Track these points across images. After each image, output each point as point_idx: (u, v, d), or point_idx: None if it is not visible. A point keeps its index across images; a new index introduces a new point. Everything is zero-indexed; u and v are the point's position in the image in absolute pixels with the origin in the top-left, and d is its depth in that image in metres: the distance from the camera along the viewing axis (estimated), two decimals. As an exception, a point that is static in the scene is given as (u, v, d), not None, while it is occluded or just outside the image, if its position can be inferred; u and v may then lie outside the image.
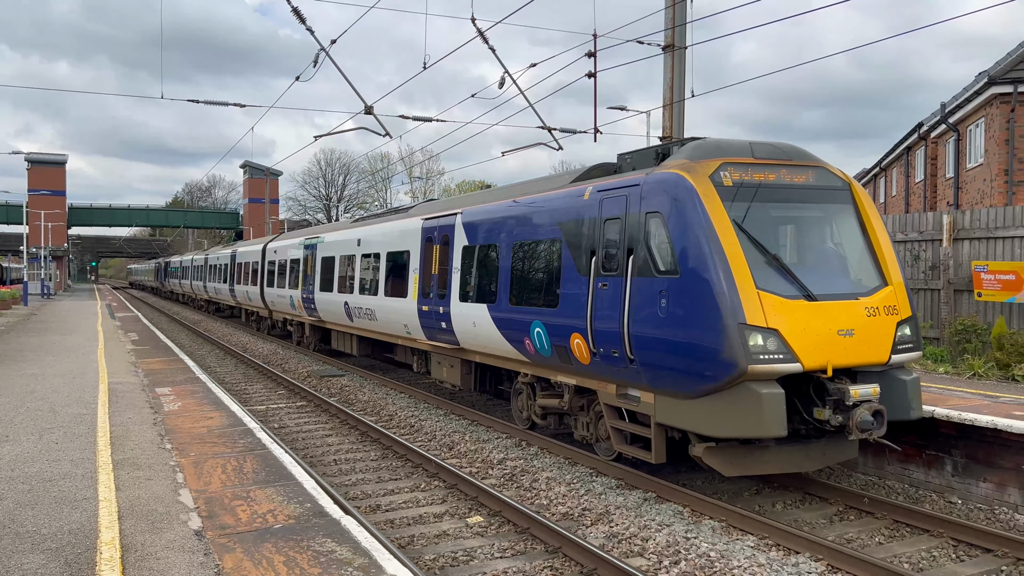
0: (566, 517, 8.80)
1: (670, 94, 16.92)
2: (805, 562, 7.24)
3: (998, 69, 19.28)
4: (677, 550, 7.58)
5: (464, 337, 13.33)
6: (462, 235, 13.57)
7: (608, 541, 7.95)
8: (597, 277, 9.67)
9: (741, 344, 7.81)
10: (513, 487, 10.02)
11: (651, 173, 9.18)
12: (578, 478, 10.18)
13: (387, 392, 17.39)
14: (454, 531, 8.35)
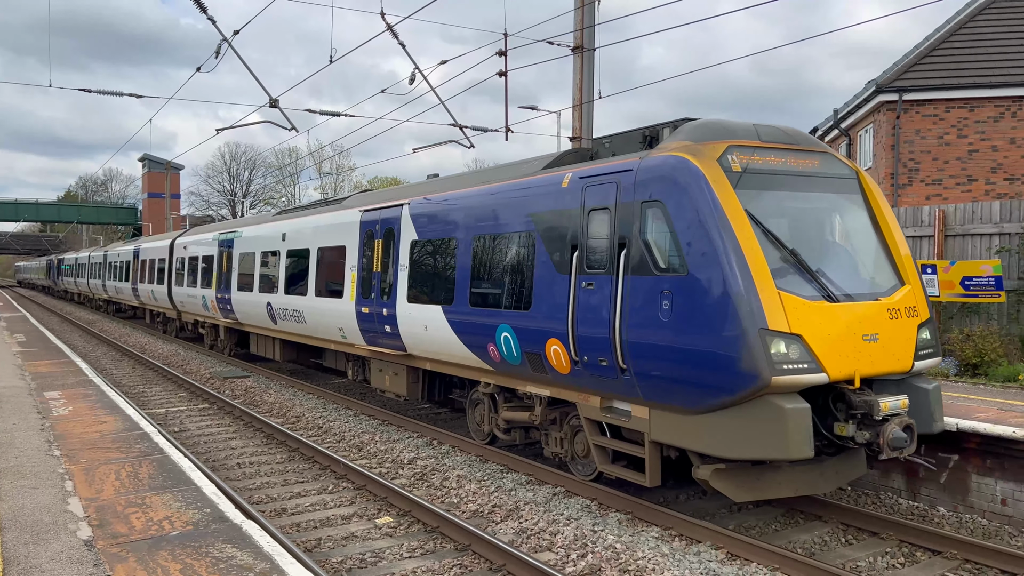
0: (476, 514, 8.80)
1: (579, 95, 17.16)
2: (706, 551, 7.47)
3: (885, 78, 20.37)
4: (584, 543, 7.69)
5: (412, 342, 12.05)
6: (410, 228, 12.18)
7: (517, 537, 8.00)
8: (580, 275, 8.58)
9: (763, 352, 6.83)
10: (424, 486, 9.96)
11: (646, 157, 8.09)
12: (489, 475, 10.19)
13: (294, 393, 16.99)
14: (362, 532, 8.23)
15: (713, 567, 7.05)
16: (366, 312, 13.16)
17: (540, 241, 9.26)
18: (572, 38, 16.94)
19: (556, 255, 8.98)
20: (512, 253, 9.81)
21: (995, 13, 22.05)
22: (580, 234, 8.67)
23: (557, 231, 9.02)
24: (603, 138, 9.64)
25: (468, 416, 11.82)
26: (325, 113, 18.64)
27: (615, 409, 8.67)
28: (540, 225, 9.31)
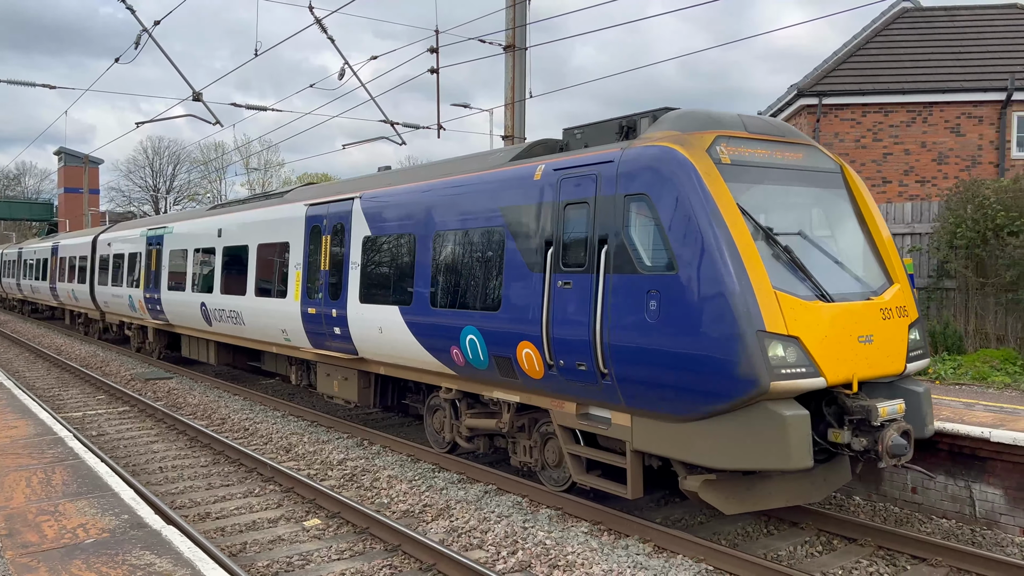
0: (407, 514, 8.74)
1: (511, 93, 17.21)
2: (634, 544, 7.59)
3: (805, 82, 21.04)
4: (515, 540, 7.72)
5: (365, 345, 11.35)
6: (362, 223, 11.43)
7: (448, 536, 7.98)
8: (556, 274, 8.05)
9: (761, 356, 6.45)
10: (354, 487, 9.84)
11: (628, 148, 7.63)
12: (420, 475, 10.14)
13: (220, 395, 16.56)
14: (290, 535, 8.08)
15: (641, 560, 7.16)
16: (313, 313, 12.47)
17: (510, 237, 8.71)
18: (504, 37, 17.00)
19: (528, 252, 8.45)
20: (478, 250, 9.22)
21: (907, 23, 23.03)
22: (555, 230, 8.14)
23: (529, 227, 8.49)
24: (574, 129, 9.10)
25: (426, 423, 11.15)
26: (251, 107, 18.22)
27: (592, 416, 8.20)
28: (510, 220, 8.75)
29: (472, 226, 9.35)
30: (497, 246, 8.91)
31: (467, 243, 9.41)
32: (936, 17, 23.19)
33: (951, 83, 20.14)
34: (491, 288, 8.94)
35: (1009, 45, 21.32)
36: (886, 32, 22.62)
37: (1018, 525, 8.07)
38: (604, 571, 6.91)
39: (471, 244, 9.34)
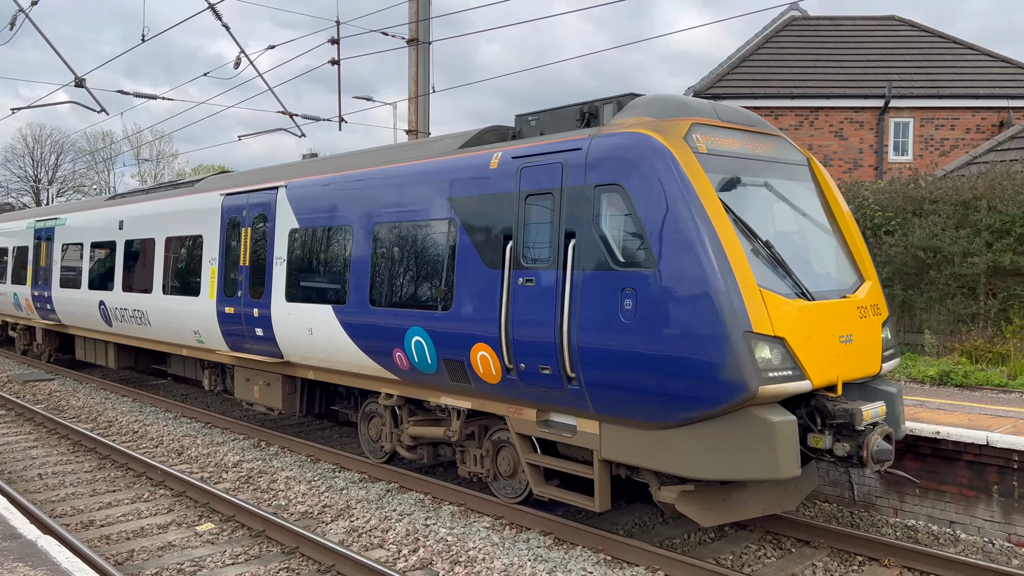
0: (305, 516, 8.56)
1: (415, 87, 17.08)
2: (535, 537, 7.67)
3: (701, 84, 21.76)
4: (416, 538, 7.68)
5: (292, 348, 10.45)
6: (288, 214, 10.52)
7: (348, 536, 7.86)
8: (517, 271, 7.46)
9: (749, 358, 6.05)
10: (250, 490, 9.56)
11: (598, 135, 7.11)
12: (319, 475, 9.94)
13: (107, 396, 15.78)
14: (181, 541, 7.77)
15: (541, 552, 7.25)
16: (231, 313, 11.50)
17: (463, 231, 8.03)
18: (407, 30, 16.84)
19: (484, 247, 7.80)
20: (426, 244, 8.49)
21: (795, 31, 24.14)
22: (516, 223, 7.53)
23: (485, 219, 7.84)
24: (527, 115, 8.52)
25: (361, 432, 10.36)
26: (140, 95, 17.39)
27: (554, 423, 7.65)
28: (462, 212, 8.07)
29: (418, 218, 8.61)
30: (447, 240, 8.22)
31: (412, 236, 8.69)
32: (822, 26, 24.40)
33: (835, 89, 21.24)
34: (441, 286, 8.27)
35: (888, 55, 22.66)
36: (776, 39, 23.63)
37: (892, 507, 8.59)
38: (505, 565, 6.96)
39: (417, 238, 8.63)
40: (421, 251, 8.58)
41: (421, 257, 8.57)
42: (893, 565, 7.12)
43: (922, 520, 8.36)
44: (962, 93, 20.70)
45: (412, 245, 8.69)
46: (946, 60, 22.22)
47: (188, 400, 15.44)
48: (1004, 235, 12.98)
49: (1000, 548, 7.70)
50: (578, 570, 6.84)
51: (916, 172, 16.14)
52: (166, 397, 15.34)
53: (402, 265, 8.80)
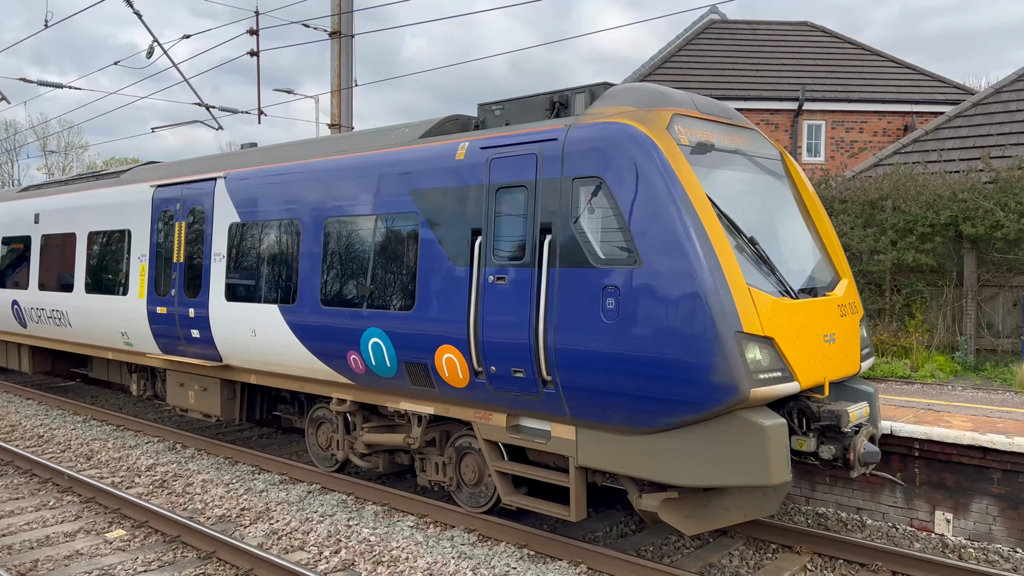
0: (223, 519, 8.33)
1: (338, 81, 16.81)
2: (459, 535, 7.66)
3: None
4: (338, 539, 7.57)
5: (233, 350, 9.84)
6: (228, 208, 9.88)
7: (268, 539, 7.69)
8: (487, 268, 7.07)
9: (740, 360, 5.80)
10: (164, 494, 9.24)
11: (576, 124, 6.75)
12: (238, 478, 9.69)
13: (9, 399, 15.00)
14: (90, 549, 7.46)
15: (465, 550, 7.24)
16: (163, 313, 10.79)
17: (426, 226, 7.59)
18: (330, 23, 16.56)
19: (450, 243, 7.38)
20: (385, 240, 8.01)
21: (714, 34, 24.78)
22: (485, 217, 7.14)
23: (451, 213, 7.42)
24: (491, 104, 8.11)
25: (308, 439, 9.79)
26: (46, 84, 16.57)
27: (526, 429, 7.28)
28: (426, 206, 7.63)
29: (376, 211, 8.12)
30: (409, 235, 7.77)
31: (369, 231, 8.18)
32: (739, 30, 25.11)
33: (752, 92, 21.89)
34: (402, 284, 7.80)
35: (801, 59, 23.48)
36: (696, 41, 24.20)
37: (804, 495, 8.92)
38: (428, 563, 6.93)
39: (374, 233, 8.13)
40: (379, 247, 8.07)
41: (379, 253, 8.07)
42: (805, 551, 7.38)
43: (831, 507, 8.70)
44: (870, 98, 21.62)
45: (369, 240, 8.18)
46: (855, 65, 23.17)
47: (99, 403, 14.83)
48: (907, 234, 13.63)
49: (903, 532, 8.09)
50: (502, 566, 6.87)
51: (828, 173, 16.76)
52: (75, 400, 14.70)
53: (358, 262, 8.28)
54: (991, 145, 15.06)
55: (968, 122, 16.18)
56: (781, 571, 6.97)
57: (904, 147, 16.38)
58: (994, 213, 12.81)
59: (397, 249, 7.91)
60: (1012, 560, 7.35)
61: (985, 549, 7.61)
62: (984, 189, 13.24)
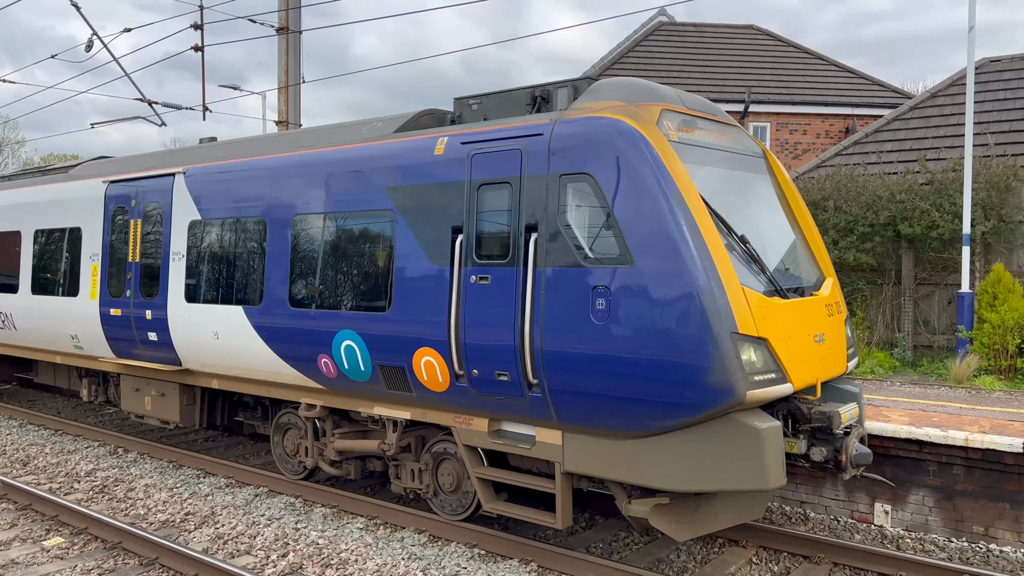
0: (167, 524, 8.14)
1: (285, 78, 16.57)
2: (409, 536, 7.62)
3: (576, 85, 22.26)
4: (286, 542, 7.46)
5: (193, 354, 9.45)
6: (188, 204, 9.48)
7: (213, 543, 7.54)
8: (469, 268, 6.84)
9: (736, 361, 5.68)
10: (105, 500, 9.00)
11: (562, 119, 6.56)
12: (182, 482, 9.49)
13: (-60, 404, 14.43)
14: (26, 558, 7.22)
15: (415, 550, 7.21)
16: (117, 315, 10.31)
17: (404, 224, 7.32)
18: (277, 18, 16.30)
19: (430, 241, 7.13)
20: (359, 238, 7.73)
21: (662, 36, 25.08)
22: (466, 215, 6.90)
23: (430, 211, 7.16)
24: (467, 98, 7.86)
25: (274, 446, 9.38)
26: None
27: (509, 434, 7.05)
28: (403, 203, 7.35)
29: (349, 209, 7.80)
30: (385, 233, 7.49)
31: (341, 229, 7.86)
32: (687, 32, 25.46)
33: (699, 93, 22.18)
34: (377, 284, 7.51)
35: (747, 61, 23.92)
36: (645, 43, 24.47)
37: (749, 489, 9.08)
38: (378, 565, 6.88)
39: (347, 231, 7.81)
40: (353, 246, 7.77)
41: (353, 252, 7.76)
42: (750, 545, 7.53)
43: (776, 501, 8.89)
44: (813, 100, 22.12)
45: (342, 239, 7.86)
46: (799, 69, 23.69)
47: (36, 407, 14.36)
48: (848, 233, 13.99)
49: (844, 524, 8.30)
50: (452, 566, 6.85)
51: (772, 174, 17.10)
52: (10, 403, 14.20)
53: (329, 262, 7.95)
54: (927, 148, 15.56)
55: (905, 125, 16.68)
56: (727, 565, 7.10)
57: (845, 149, 16.81)
58: (930, 214, 13.23)
59: (372, 248, 7.62)
60: (947, 549, 7.61)
61: (922, 539, 7.86)
62: (920, 190, 13.67)
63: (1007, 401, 10.17)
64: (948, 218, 13.09)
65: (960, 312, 12.51)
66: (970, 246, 12.62)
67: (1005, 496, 7.84)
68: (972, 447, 7.87)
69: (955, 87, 16.81)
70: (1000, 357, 12.04)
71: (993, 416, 8.97)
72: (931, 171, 13.96)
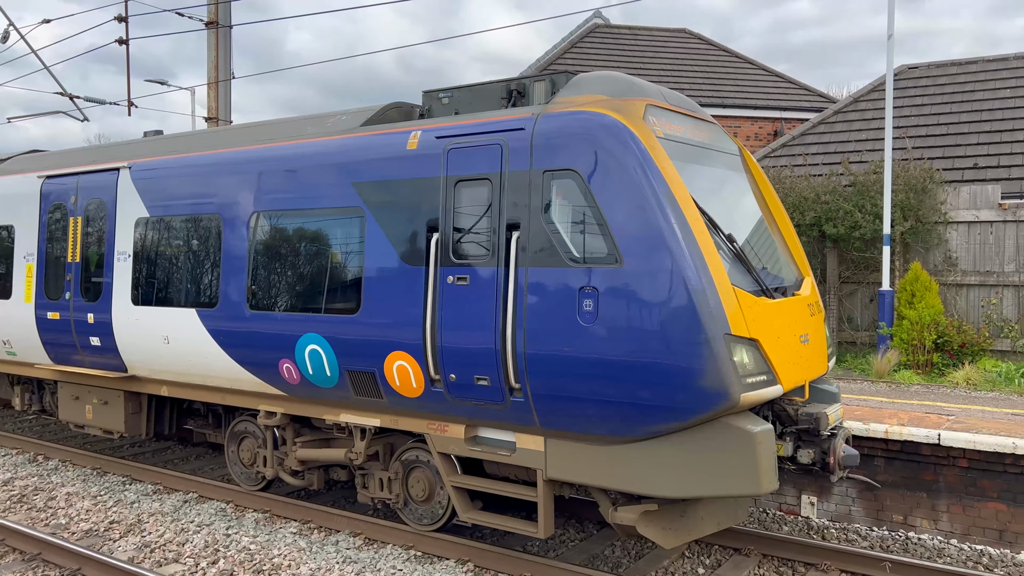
0: (90, 534, 7.87)
1: (215, 73, 16.20)
2: (344, 539, 7.53)
3: (512, 85, 22.32)
4: (216, 549, 7.29)
5: (141, 360, 8.93)
6: (135, 201, 8.96)
7: (139, 552, 7.32)
8: (445, 268, 6.55)
9: (729, 363, 5.53)
10: (23, 509, 8.64)
11: (545, 113, 6.31)
12: (107, 489, 9.18)
13: None
14: (-64, 574, 6.88)
15: (350, 554, 7.13)
16: (55, 319, 9.73)
17: (374, 221, 7.00)
18: (206, 12, 15.91)
19: (402, 240, 6.83)
20: (325, 237, 7.37)
21: (597, 38, 25.36)
22: (443, 213, 6.60)
23: (403, 208, 6.85)
24: (437, 91, 7.54)
25: (229, 456, 8.94)
26: None
27: (487, 440, 6.80)
28: (373, 200, 7.03)
29: (312, 206, 7.44)
30: (354, 232, 7.16)
31: (304, 227, 7.50)
32: (622, 35, 25.81)
33: (634, 95, 22.52)
34: (344, 285, 7.19)
35: (680, 64, 24.38)
36: (581, 44, 24.70)
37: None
38: (312, 570, 6.78)
39: (312, 229, 7.46)
40: (318, 245, 7.41)
41: (318, 252, 7.41)
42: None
43: (708, 495, 9.07)
44: (743, 103, 22.68)
45: (305, 238, 7.50)
46: (730, 73, 24.27)
47: None
48: (777, 234, 14.38)
49: (773, 516, 8.54)
50: (388, 568, 6.80)
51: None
52: (-81, 411, 13.50)
53: (291, 261, 7.59)
54: (850, 151, 16.13)
55: (830, 129, 17.25)
56: (660, 559, 7.22)
57: (773, 151, 17.30)
58: (853, 215, 13.72)
59: (338, 247, 7.27)
60: (869, 538, 7.90)
61: (845, 529, 8.15)
62: (844, 192, 14.16)
63: (924, 394, 10.62)
64: (870, 219, 13.59)
65: (881, 309, 13.02)
66: (890, 246, 13.15)
67: (922, 486, 8.19)
68: (892, 439, 8.20)
69: (876, 92, 17.47)
70: (918, 352, 12.56)
71: (911, 409, 9.36)
72: (854, 173, 14.47)
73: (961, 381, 11.57)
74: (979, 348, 12.77)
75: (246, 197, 8.00)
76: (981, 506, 7.95)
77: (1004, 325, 12.92)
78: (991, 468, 7.91)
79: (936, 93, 16.98)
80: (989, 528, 7.93)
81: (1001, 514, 7.87)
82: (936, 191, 13.61)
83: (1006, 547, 7.78)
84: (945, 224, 13.54)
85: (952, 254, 13.55)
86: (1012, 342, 12.79)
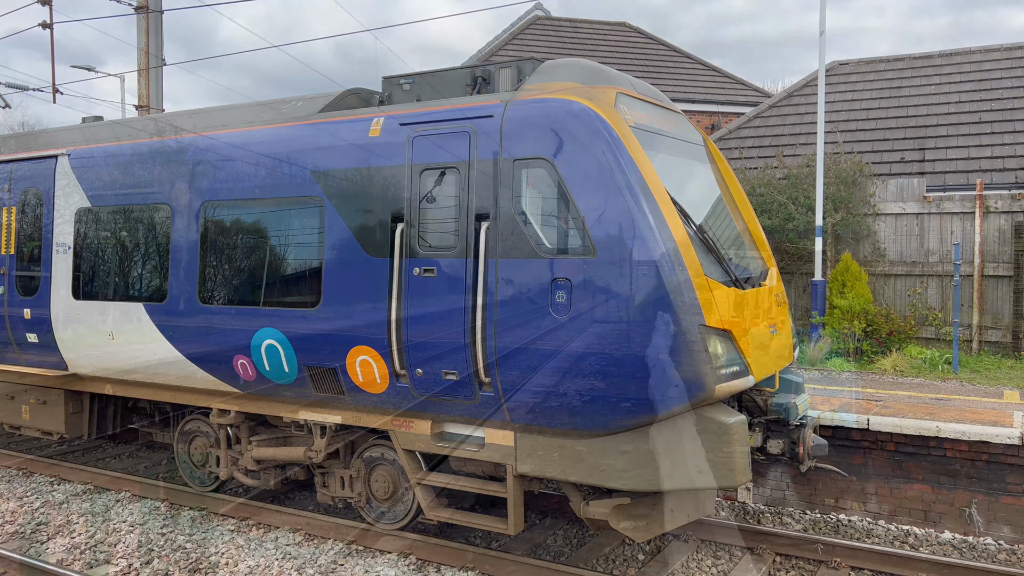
0: (16, 536, 7.58)
1: (145, 59, 15.71)
2: (284, 535, 7.42)
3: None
4: (150, 548, 7.11)
5: (83, 357, 8.55)
6: (75, 190, 8.59)
7: (69, 554, 7.08)
8: (411, 260, 6.37)
9: (705, 355, 5.49)
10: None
11: (515, 100, 6.16)
12: (33, 490, 8.84)
13: None
14: None
15: (290, 550, 7.03)
16: None
17: (334, 212, 6.77)
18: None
19: (365, 231, 6.61)
20: (282, 227, 7.10)
21: (538, 30, 25.40)
22: (408, 203, 6.42)
23: (365, 198, 6.64)
24: (398, 77, 7.29)
25: (179, 456, 8.65)
26: None
27: (454, 436, 6.64)
28: (333, 189, 6.79)
29: (269, 195, 7.17)
30: (312, 222, 6.91)
31: (260, 217, 7.24)
32: (562, 27, 25.89)
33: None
34: (303, 278, 6.96)
35: (620, 58, 24.59)
36: (521, 36, 24.70)
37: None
38: (251, 567, 6.66)
39: (267, 219, 7.19)
40: (273, 235, 7.16)
41: (274, 243, 7.15)
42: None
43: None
44: (682, 97, 23.00)
45: (260, 228, 7.23)
46: (668, 66, 24.59)
47: None
48: (714, 225, 14.65)
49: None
50: (328, 563, 6.73)
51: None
52: None
53: (245, 252, 7.33)
54: (784, 145, 16.52)
55: (765, 123, 17.64)
56: (602, 547, 7.31)
57: (711, 145, 17.58)
58: (786, 207, 14.06)
59: (296, 238, 7.03)
60: (802, 521, 8.14)
61: (780, 513, 8.37)
62: (778, 184, 14.50)
63: (854, 381, 10.97)
64: (803, 211, 13.96)
65: (814, 299, 13.39)
66: (822, 237, 13.52)
67: (852, 470, 8.47)
68: (824, 425, 8.44)
69: (809, 88, 17.92)
70: (848, 340, 12.97)
71: (842, 396, 9.66)
72: (787, 167, 14.83)
73: (889, 368, 11.99)
74: (906, 336, 13.25)
75: (197, 185, 7.69)
76: (907, 488, 8.27)
77: (929, 313, 13.43)
78: (917, 452, 8.23)
79: (865, 89, 17.51)
80: (915, 509, 8.25)
81: (926, 495, 8.20)
82: (866, 184, 14.06)
83: (930, 527, 8.12)
84: (874, 216, 13.99)
85: (880, 245, 14.02)
86: (936, 329, 13.31)
